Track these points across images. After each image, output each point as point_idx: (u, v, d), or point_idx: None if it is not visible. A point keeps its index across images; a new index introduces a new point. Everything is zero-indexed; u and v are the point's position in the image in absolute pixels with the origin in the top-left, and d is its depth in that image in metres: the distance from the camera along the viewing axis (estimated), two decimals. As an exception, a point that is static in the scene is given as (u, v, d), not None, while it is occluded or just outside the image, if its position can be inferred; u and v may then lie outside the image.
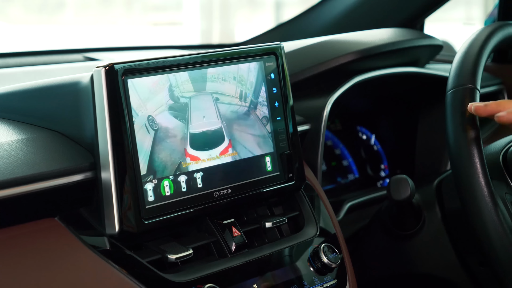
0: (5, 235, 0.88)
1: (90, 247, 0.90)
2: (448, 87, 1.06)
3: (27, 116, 1.03)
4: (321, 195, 1.15)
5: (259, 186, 1.03)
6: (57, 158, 0.92)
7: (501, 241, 0.98)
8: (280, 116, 1.05)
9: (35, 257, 0.87)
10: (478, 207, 0.98)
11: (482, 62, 1.09)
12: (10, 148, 0.92)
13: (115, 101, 0.89)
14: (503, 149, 1.15)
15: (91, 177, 0.92)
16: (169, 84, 0.94)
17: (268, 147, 1.04)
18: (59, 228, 0.91)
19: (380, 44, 1.39)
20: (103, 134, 0.89)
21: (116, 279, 0.88)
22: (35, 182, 0.88)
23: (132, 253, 0.92)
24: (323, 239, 1.07)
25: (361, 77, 1.35)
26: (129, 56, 1.73)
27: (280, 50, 1.06)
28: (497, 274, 1.01)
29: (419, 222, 1.27)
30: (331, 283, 1.03)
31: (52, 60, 1.62)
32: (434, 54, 1.60)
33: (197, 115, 0.97)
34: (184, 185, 0.95)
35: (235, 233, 0.99)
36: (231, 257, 0.98)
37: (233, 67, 1.01)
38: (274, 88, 1.05)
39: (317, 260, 1.02)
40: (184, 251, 0.93)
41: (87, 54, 1.67)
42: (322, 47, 1.38)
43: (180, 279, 0.91)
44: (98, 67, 0.89)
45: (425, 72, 1.50)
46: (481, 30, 1.15)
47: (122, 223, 0.89)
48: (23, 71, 1.45)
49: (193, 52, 0.98)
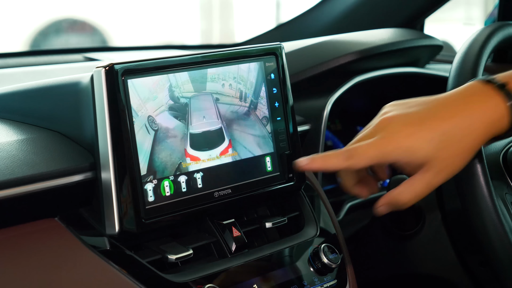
0: (5, 235, 0.88)
1: (90, 247, 0.90)
2: (448, 87, 1.06)
3: (27, 116, 1.03)
4: (321, 195, 1.15)
5: (259, 186, 1.03)
6: (57, 158, 0.92)
7: (501, 241, 0.98)
8: (280, 116, 1.05)
9: (35, 257, 0.87)
10: (478, 207, 0.98)
11: (482, 62, 1.09)
12: (10, 148, 0.92)
13: (115, 101, 0.89)
14: (503, 149, 1.15)
15: (91, 177, 0.92)
16: (169, 84, 0.94)
17: (268, 147, 1.04)
18: (59, 228, 0.91)
19: (380, 44, 1.39)
20: (103, 134, 0.89)
21: (116, 279, 0.88)
22: (35, 182, 0.88)
23: (132, 253, 0.92)
24: (323, 239, 1.07)
25: (361, 77, 1.35)
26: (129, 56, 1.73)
27: (280, 50, 1.06)
28: (497, 274, 1.01)
29: (419, 222, 1.27)
30: (331, 283, 1.03)
31: (52, 60, 1.62)
32: (434, 54, 1.60)
33: (197, 115, 0.97)
34: (184, 185, 0.95)
35: (235, 233, 0.99)
36: (231, 257, 0.98)
37: (233, 67, 1.01)
38: (274, 88, 1.05)
39: (317, 260, 1.02)
40: (184, 251, 0.93)
41: (87, 54, 1.67)
42: (322, 47, 1.38)
43: (180, 279, 0.91)
44: (98, 67, 0.89)
45: (425, 72, 1.50)
46: (481, 30, 1.15)
47: (122, 223, 0.89)
48: (23, 71, 1.45)
49: (193, 52, 0.98)
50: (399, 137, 0.89)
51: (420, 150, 0.89)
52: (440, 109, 0.91)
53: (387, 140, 0.89)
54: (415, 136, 0.89)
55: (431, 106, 0.91)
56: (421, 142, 0.89)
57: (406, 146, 0.89)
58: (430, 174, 0.90)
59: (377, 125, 0.92)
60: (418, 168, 0.90)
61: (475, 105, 0.90)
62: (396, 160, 0.90)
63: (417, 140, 0.88)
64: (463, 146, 0.90)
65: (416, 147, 0.89)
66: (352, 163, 0.90)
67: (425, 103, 0.92)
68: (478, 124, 0.90)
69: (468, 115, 0.90)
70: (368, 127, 0.94)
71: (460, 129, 0.89)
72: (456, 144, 0.89)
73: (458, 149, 0.90)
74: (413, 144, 0.88)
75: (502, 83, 0.91)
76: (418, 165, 0.90)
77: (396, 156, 0.89)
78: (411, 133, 0.89)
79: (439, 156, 0.89)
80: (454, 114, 0.90)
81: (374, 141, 0.89)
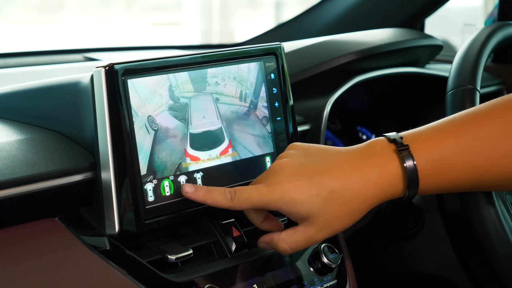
0: (5, 235, 0.88)
1: (90, 247, 0.90)
2: (448, 87, 1.06)
3: (27, 116, 1.03)
4: (321, 195, 1.15)
5: (259, 186, 1.02)
6: (57, 158, 0.92)
7: (501, 241, 0.98)
8: (280, 116, 1.05)
9: (35, 257, 0.87)
10: (478, 208, 0.98)
11: (482, 62, 1.09)
12: (10, 148, 0.92)
13: (115, 101, 0.89)
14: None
15: (91, 177, 0.92)
16: (169, 84, 0.94)
17: (268, 147, 1.04)
18: (59, 228, 0.91)
19: (380, 44, 1.39)
20: (103, 134, 0.89)
21: (116, 279, 0.88)
22: (35, 182, 0.88)
23: (132, 253, 0.92)
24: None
25: (361, 77, 1.35)
26: (129, 56, 1.73)
27: (280, 50, 1.06)
28: (497, 274, 1.01)
29: (419, 222, 1.27)
30: (331, 283, 1.03)
31: (52, 60, 1.62)
32: (434, 54, 1.60)
33: (197, 115, 0.97)
34: (184, 185, 0.95)
35: (235, 233, 0.99)
36: (231, 257, 0.98)
37: (233, 67, 1.01)
38: (274, 88, 1.05)
39: (317, 260, 1.02)
40: (184, 251, 0.94)
41: (87, 54, 1.67)
42: (322, 47, 1.38)
43: (180, 279, 0.91)
44: (98, 67, 0.89)
45: (425, 72, 1.50)
46: (481, 30, 1.15)
47: (122, 223, 0.90)
48: (23, 71, 1.45)
49: (193, 52, 0.98)
50: (285, 187, 0.86)
51: (303, 204, 0.86)
52: (334, 166, 0.87)
53: (273, 188, 0.86)
54: (301, 190, 0.85)
55: (328, 160, 0.88)
56: (306, 197, 0.85)
57: (290, 197, 0.86)
58: (312, 230, 0.87)
59: (270, 168, 0.89)
60: (301, 220, 0.87)
61: (371, 167, 0.86)
62: (278, 209, 0.87)
63: (302, 194, 0.85)
64: (351, 206, 0.86)
65: (300, 200, 0.86)
66: (234, 205, 0.88)
67: (322, 156, 0.88)
68: (371, 187, 0.86)
69: (362, 177, 0.86)
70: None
71: (350, 190, 0.86)
72: (345, 204, 0.86)
73: (346, 209, 0.86)
74: (298, 197, 0.85)
75: (405, 145, 0.87)
76: (301, 218, 0.87)
77: (280, 206, 0.87)
78: (299, 186, 0.86)
79: (323, 214, 0.86)
80: (347, 174, 0.86)
81: (259, 187, 0.87)
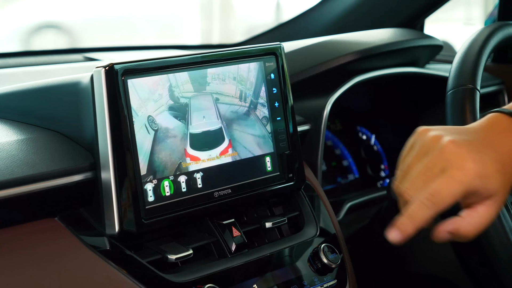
0: (5, 235, 0.88)
1: (90, 247, 0.90)
2: (448, 87, 1.06)
3: (27, 116, 1.03)
4: (321, 195, 1.15)
5: (259, 186, 1.03)
6: (57, 158, 0.92)
7: (501, 241, 0.98)
8: (280, 116, 1.05)
9: (35, 257, 0.87)
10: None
11: (482, 62, 1.09)
12: (10, 148, 0.92)
13: (115, 101, 0.89)
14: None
15: (91, 177, 0.92)
16: (169, 84, 0.94)
17: (268, 147, 1.04)
18: (59, 228, 0.91)
19: (380, 44, 1.39)
20: (103, 134, 0.89)
21: (116, 279, 0.88)
22: (35, 182, 0.88)
23: (132, 253, 0.92)
24: (323, 239, 1.07)
25: (361, 77, 1.35)
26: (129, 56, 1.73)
27: (280, 50, 1.06)
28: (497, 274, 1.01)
29: (419, 222, 1.27)
30: (331, 283, 1.03)
31: (52, 60, 1.62)
32: (434, 54, 1.60)
33: (197, 115, 0.97)
34: (184, 185, 0.95)
35: (235, 233, 0.99)
36: (231, 257, 0.98)
37: (233, 67, 1.01)
38: (274, 88, 1.05)
39: (317, 260, 1.02)
40: (184, 251, 0.94)
41: (87, 54, 1.67)
42: (322, 47, 1.38)
43: (180, 279, 0.92)
44: (98, 67, 0.89)
45: (425, 72, 1.50)
46: (481, 30, 1.15)
47: (122, 223, 0.90)
48: (23, 71, 1.45)
49: (193, 52, 0.98)
50: (472, 165, 0.77)
51: (492, 178, 0.78)
52: (490, 140, 0.80)
53: (464, 171, 0.77)
54: (486, 166, 0.77)
55: (480, 135, 0.81)
56: (492, 171, 0.78)
57: (483, 173, 0.77)
58: (494, 207, 0.79)
59: (440, 152, 0.78)
60: (487, 198, 0.79)
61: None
62: (476, 190, 0.78)
63: (486, 168, 0.77)
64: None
65: (489, 175, 0.78)
66: (439, 208, 0.77)
67: (467, 133, 0.81)
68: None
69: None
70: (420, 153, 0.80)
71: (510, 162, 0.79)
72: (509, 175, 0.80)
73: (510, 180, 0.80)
74: (486, 172, 0.77)
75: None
76: (488, 196, 0.78)
77: (475, 186, 0.77)
78: (483, 162, 0.77)
79: (504, 187, 0.79)
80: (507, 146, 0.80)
81: (451, 174, 0.77)
